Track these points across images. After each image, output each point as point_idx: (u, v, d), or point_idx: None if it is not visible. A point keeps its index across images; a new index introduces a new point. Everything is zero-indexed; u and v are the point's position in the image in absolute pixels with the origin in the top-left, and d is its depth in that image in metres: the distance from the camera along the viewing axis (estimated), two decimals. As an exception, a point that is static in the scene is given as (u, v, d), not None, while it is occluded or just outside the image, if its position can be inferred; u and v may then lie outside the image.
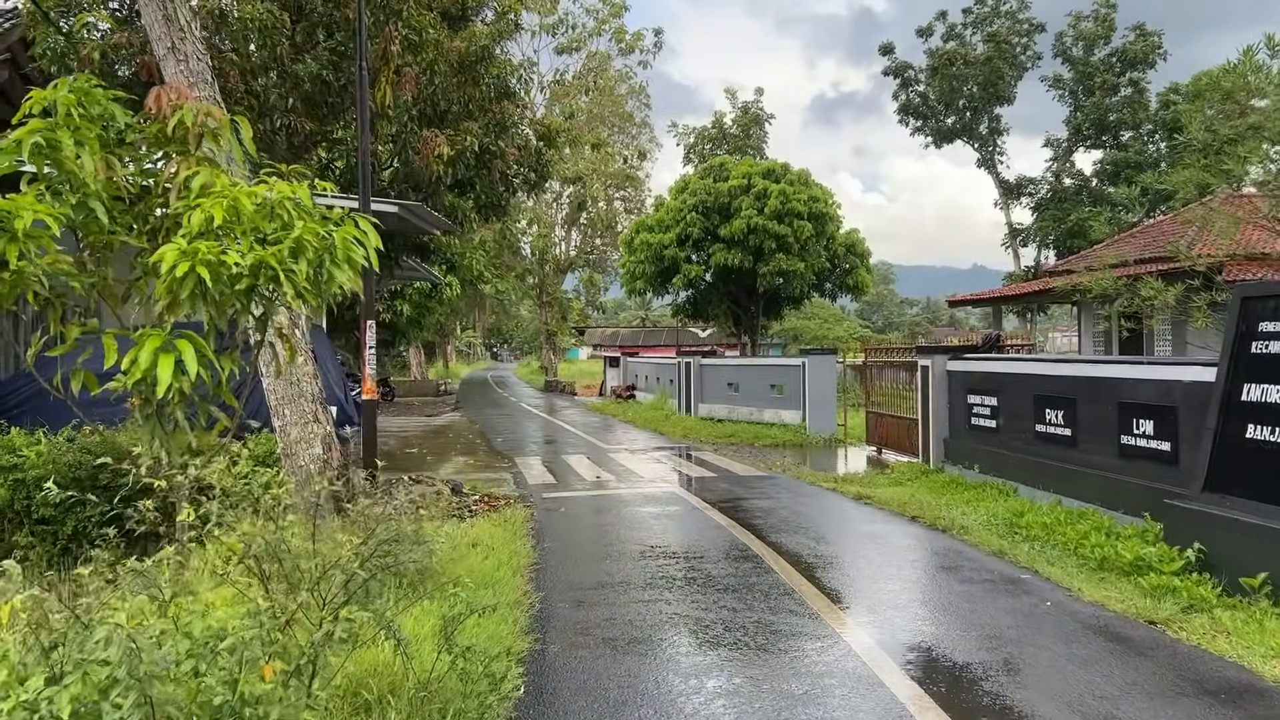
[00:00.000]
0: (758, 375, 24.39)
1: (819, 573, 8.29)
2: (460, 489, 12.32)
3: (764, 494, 13.02)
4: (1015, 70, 47.46)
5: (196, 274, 6.29)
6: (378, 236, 7.47)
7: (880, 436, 19.20)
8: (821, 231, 31.65)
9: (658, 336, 49.78)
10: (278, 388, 9.61)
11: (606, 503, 12.41)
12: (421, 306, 39.15)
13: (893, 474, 14.94)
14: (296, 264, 6.90)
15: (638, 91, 54.56)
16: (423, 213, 15.09)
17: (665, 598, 7.46)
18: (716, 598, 7.44)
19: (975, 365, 14.31)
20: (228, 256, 6.33)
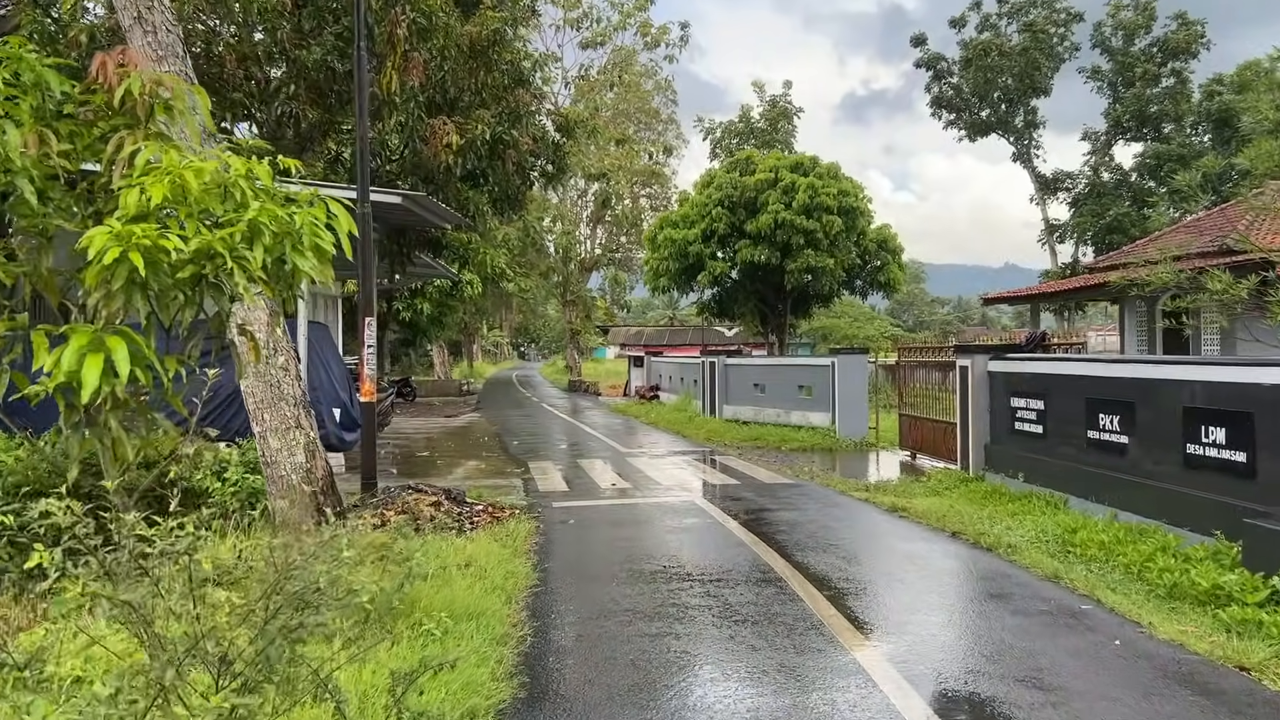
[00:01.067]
0: (785, 376, 23.40)
1: (850, 601, 7.35)
2: (462, 498, 11.48)
3: (790, 505, 12.07)
4: (1052, 61, 46.10)
5: (130, 261, 5.49)
6: (350, 219, 6.61)
7: (915, 441, 18.18)
8: (852, 226, 30.59)
9: (683, 335, 48.83)
10: (256, 390, 8.81)
11: (620, 514, 11.52)
12: (443, 305, 38.43)
13: (929, 482, 13.94)
14: (251, 250, 6.06)
15: (664, 87, 53.67)
16: (428, 204, 14.27)
17: (675, 630, 6.55)
18: (734, 631, 6.52)
19: (1019, 366, 13.28)
20: (167, 241, 5.49)
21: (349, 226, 6.61)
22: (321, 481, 8.97)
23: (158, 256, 5.55)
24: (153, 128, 6.91)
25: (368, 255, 12.23)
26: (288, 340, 8.99)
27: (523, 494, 13.24)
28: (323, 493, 8.96)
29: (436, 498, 11.18)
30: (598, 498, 12.83)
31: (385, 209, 14.56)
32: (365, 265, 12.23)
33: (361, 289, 12.29)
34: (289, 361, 8.90)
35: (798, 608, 7.12)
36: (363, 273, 12.25)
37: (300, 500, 8.87)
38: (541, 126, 20.15)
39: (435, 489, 11.56)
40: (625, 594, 7.58)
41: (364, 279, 12.23)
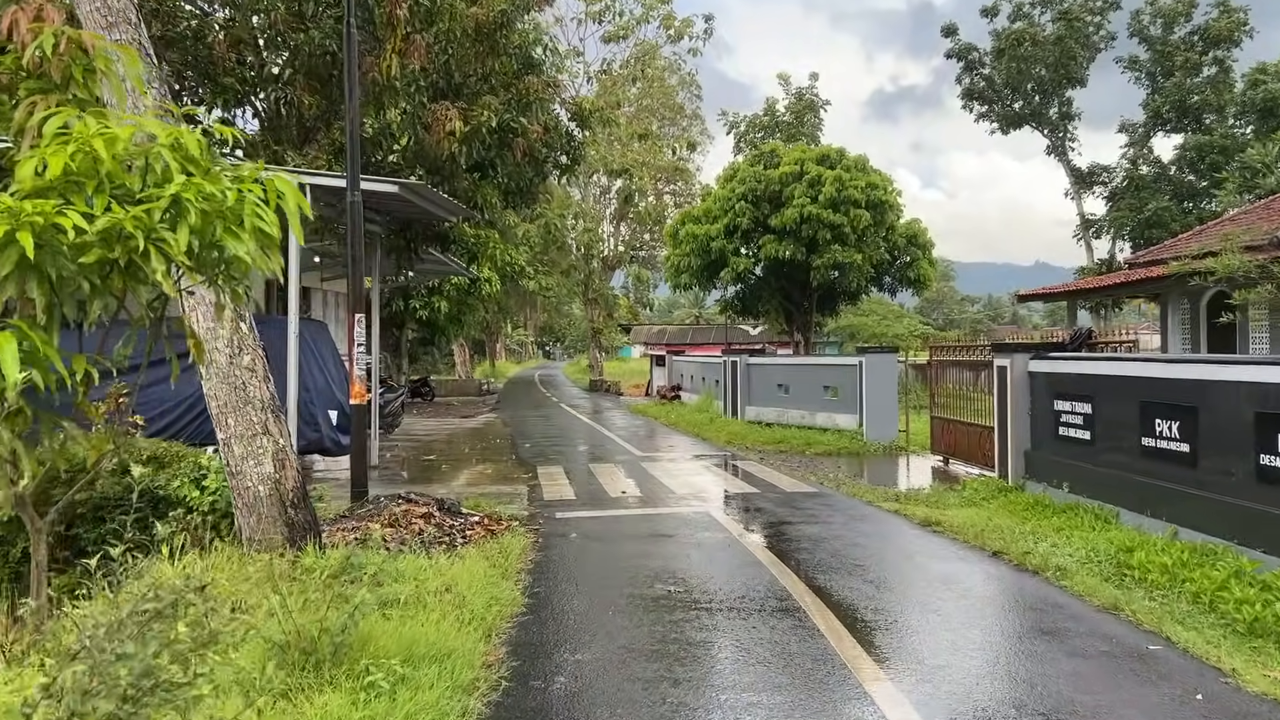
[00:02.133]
0: (810, 375, 22.38)
1: (879, 638, 6.38)
2: (456, 508, 10.60)
3: (813, 517, 11.09)
4: (1088, 51, 44.65)
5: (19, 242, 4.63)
6: (300, 197, 5.73)
7: (947, 445, 17.12)
8: (880, 221, 29.48)
9: (707, 334, 47.84)
10: (219, 393, 7.97)
11: (627, 527, 10.59)
12: (461, 303, 37.62)
13: (964, 492, 12.90)
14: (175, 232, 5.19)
15: (688, 82, 52.74)
16: (428, 193, 13.42)
17: (676, 674, 5.63)
18: (740, 677, 5.58)
19: (1064, 366, 12.22)
20: (65, 218, 4.63)
21: (300, 205, 5.75)
22: (292, 493, 8.12)
23: (54, 238, 4.69)
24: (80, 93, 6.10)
25: (357, 247, 11.40)
26: (254, 338, 8.14)
27: (526, 503, 12.36)
28: (293, 505, 8.11)
29: (428, 509, 10.32)
30: (606, 507, 11.92)
31: (381, 199, 13.74)
32: (354, 258, 11.40)
33: (351, 283, 11.46)
34: (255, 361, 8.06)
35: (818, 646, 6.17)
36: (351, 266, 11.42)
37: (268, 514, 8.03)
38: (554, 115, 19.26)
39: (428, 499, 10.70)
40: (623, 626, 6.66)
41: (353, 272, 11.40)
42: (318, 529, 8.35)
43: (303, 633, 5.08)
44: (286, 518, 8.06)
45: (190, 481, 9.90)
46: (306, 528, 8.16)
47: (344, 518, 10.44)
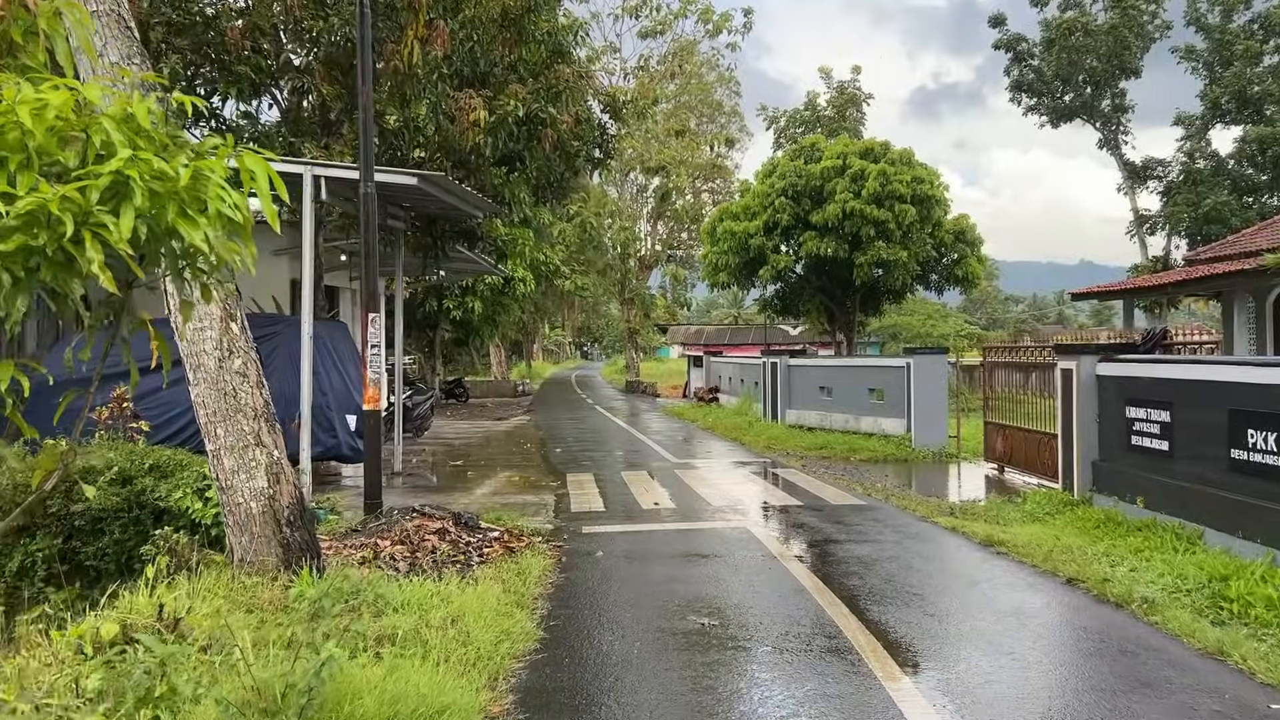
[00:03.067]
0: (854, 377, 21.38)
1: (948, 691, 5.48)
2: (474, 523, 9.82)
3: (862, 535, 10.17)
4: (1142, 41, 43.00)
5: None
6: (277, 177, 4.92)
7: (1002, 452, 16.08)
8: (926, 217, 28.35)
9: (745, 335, 46.83)
10: (207, 400, 7.24)
11: (659, 545, 9.74)
12: (496, 303, 37.03)
13: (1026, 505, 11.89)
14: (119, 217, 4.41)
15: (727, 79, 51.73)
16: (449, 186, 12.67)
17: (707, 735, 4.78)
18: (787, 741, 4.72)
19: (1137, 369, 11.18)
20: (-28, 200, 3.90)
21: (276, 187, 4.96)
22: (288, 511, 7.37)
23: (-40, 221, 3.96)
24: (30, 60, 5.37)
25: (371, 241, 10.67)
26: (247, 339, 7.40)
27: (551, 514, 11.56)
28: (289, 524, 7.36)
29: (443, 524, 9.55)
30: (636, 521, 11.07)
31: (401, 192, 13.02)
32: (368, 253, 10.66)
33: (364, 279, 10.73)
34: (247, 365, 7.32)
35: (875, 698, 5.28)
36: (365, 261, 10.68)
37: (261, 534, 7.29)
38: (587, 107, 18.45)
39: (444, 513, 9.93)
40: (650, 671, 5.81)
41: (366, 268, 10.66)
42: (316, 549, 7.59)
43: (264, 690, 4.29)
44: (281, 538, 7.32)
45: (193, 493, 9.26)
46: (304, 548, 7.41)
47: (355, 532, 9.72)
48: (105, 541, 9.33)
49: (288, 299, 19.06)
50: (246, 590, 6.97)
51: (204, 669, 4.96)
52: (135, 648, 5.06)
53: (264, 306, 15.82)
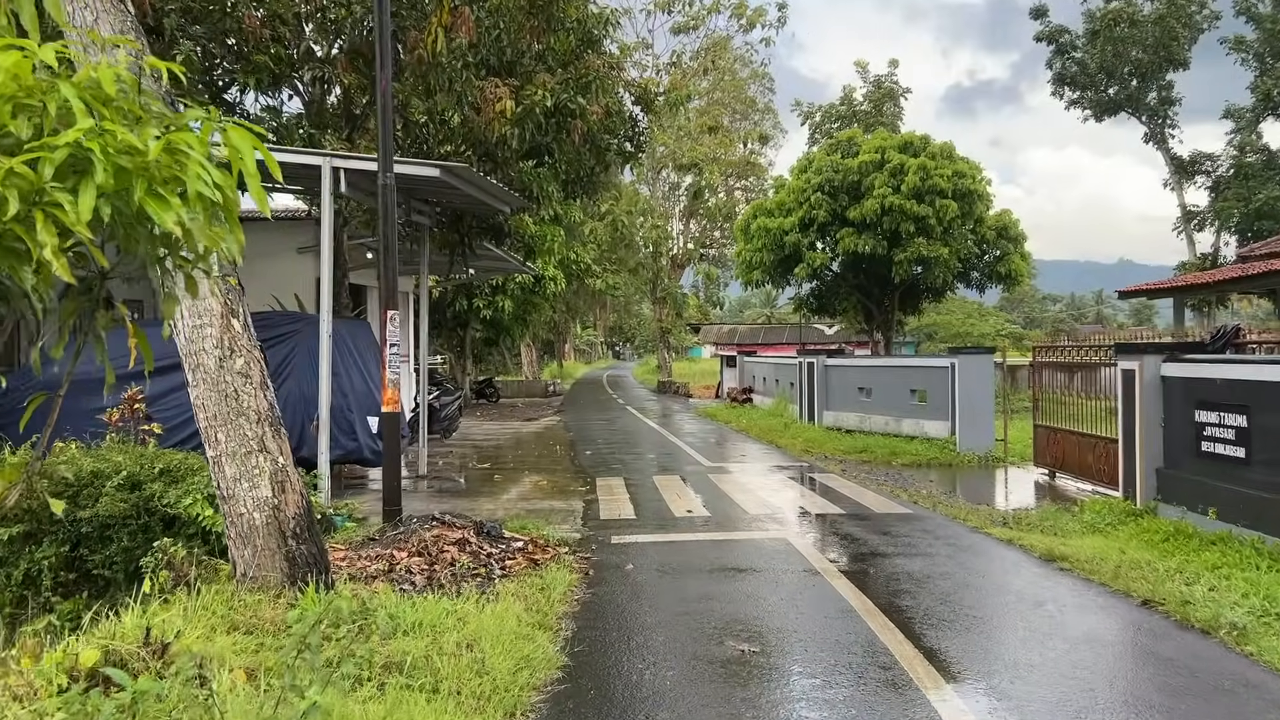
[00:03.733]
0: (895, 378, 20.61)
1: (1024, 733, 4.82)
2: (498, 532, 9.26)
3: (911, 547, 9.48)
4: (1190, 32, 41.72)
5: None
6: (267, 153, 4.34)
7: (1054, 457, 15.29)
8: (968, 212, 27.47)
9: (779, 334, 46.03)
10: (207, 402, 6.72)
11: (692, 557, 9.11)
12: (526, 302, 36.56)
13: (1084, 515, 11.14)
14: (79, 196, 3.86)
15: (760, 75, 50.96)
16: (473, 178, 12.13)
17: (751, 789, 4.15)
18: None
19: (1209, 369, 10.38)
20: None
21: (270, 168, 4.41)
22: (294, 522, 6.84)
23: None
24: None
25: (390, 235, 10.14)
26: (250, 338, 6.87)
27: (579, 522, 10.97)
28: (295, 536, 6.82)
29: (463, 533, 9.00)
30: (669, 530, 10.45)
31: (424, 185, 12.51)
32: (386, 248, 10.14)
33: (382, 275, 10.20)
34: (250, 366, 6.79)
35: (942, 745, 4.64)
36: (383, 257, 10.16)
37: (264, 546, 6.76)
38: (618, 98, 17.84)
39: (465, 521, 9.37)
40: (685, 708, 5.19)
41: (385, 263, 10.14)
42: (325, 563, 7.05)
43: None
44: (286, 551, 6.79)
45: (204, 499, 8.77)
46: (311, 562, 6.87)
47: (372, 541, 9.18)
48: (113, 549, 8.87)
49: (313, 297, 18.62)
50: (247, 608, 6.45)
51: (183, 707, 4.42)
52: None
53: (286, 304, 15.39)
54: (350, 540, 9.42)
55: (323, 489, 11.15)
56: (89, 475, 9.01)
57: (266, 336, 12.78)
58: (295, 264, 18.09)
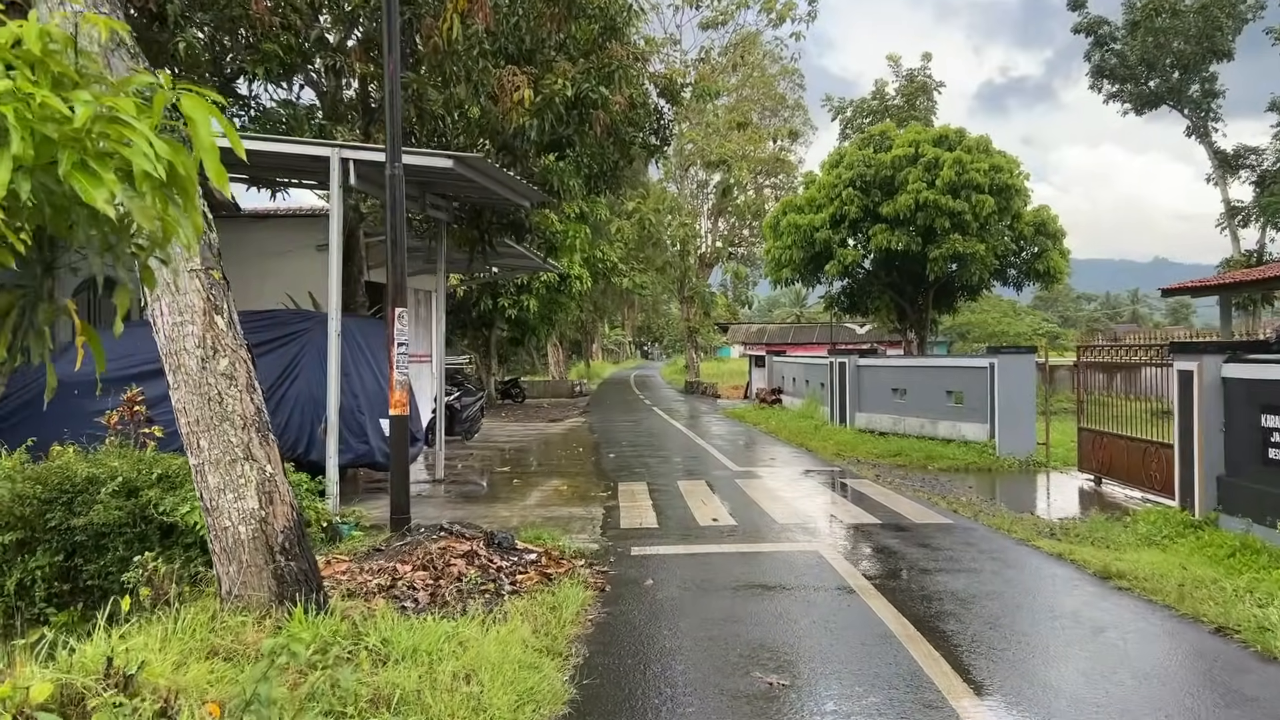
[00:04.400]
0: (931, 379, 19.86)
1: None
2: (510, 543, 8.69)
3: (953, 561, 8.81)
4: (1234, 22, 40.43)
5: None
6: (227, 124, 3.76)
7: (1100, 462, 14.52)
8: (1005, 208, 26.66)
9: (809, 333, 45.23)
10: (189, 406, 6.20)
11: (717, 572, 8.50)
12: (552, 301, 36.06)
13: (1138, 526, 10.41)
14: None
15: (790, 71, 50.19)
16: (487, 168, 11.58)
17: None
18: None
19: (1274, 371, 9.63)
20: None
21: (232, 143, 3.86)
22: (282, 536, 6.30)
23: None
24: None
25: (398, 229, 9.61)
26: (235, 336, 6.34)
27: (598, 531, 10.39)
28: (284, 552, 6.29)
29: (472, 545, 8.44)
30: (692, 541, 9.84)
31: (437, 176, 11.98)
32: (394, 242, 9.61)
33: (390, 271, 9.68)
34: (235, 367, 6.26)
35: (1003, 807, 4.00)
36: (391, 251, 9.64)
37: (250, 563, 6.23)
38: (642, 90, 17.25)
39: (475, 531, 8.82)
40: (702, 751, 4.59)
41: (393, 258, 9.62)
42: (316, 581, 6.51)
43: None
44: (274, 567, 6.25)
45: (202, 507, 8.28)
46: (300, 580, 6.33)
47: (378, 552, 8.65)
48: (109, 559, 8.41)
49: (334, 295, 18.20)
50: (229, 631, 5.92)
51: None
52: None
53: (300, 303, 14.94)
54: (355, 551, 8.89)
55: (331, 495, 10.66)
56: (83, 480, 8.57)
57: (275, 336, 12.34)
58: (315, 262, 17.63)
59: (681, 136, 48.15)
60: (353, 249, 15.76)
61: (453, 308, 35.26)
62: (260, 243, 18.61)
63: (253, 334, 12.63)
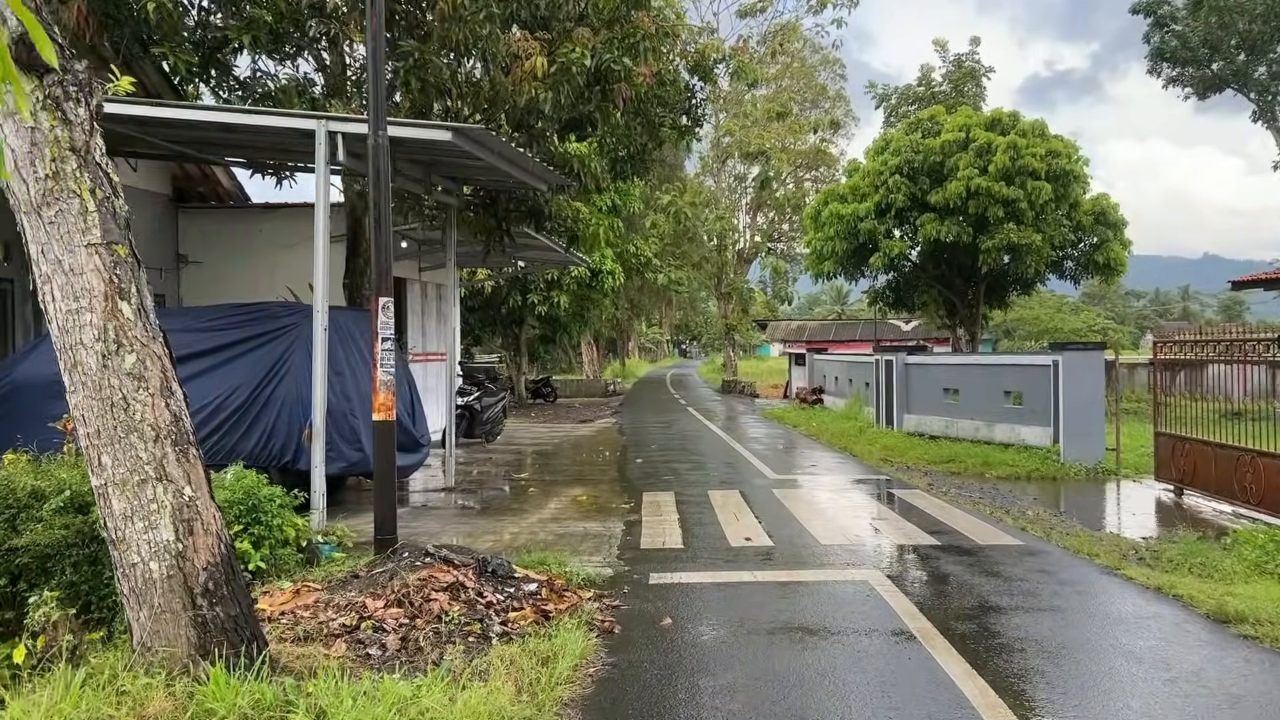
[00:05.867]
0: (987, 378, 18.33)
1: None
2: (506, 570, 7.43)
3: (1031, 596, 7.40)
4: (1306, -1, 38.18)
5: None
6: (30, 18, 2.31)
7: (1182, 471, 12.98)
8: (1063, 196, 24.96)
9: (851, 331, 43.58)
10: (88, 413, 5.00)
11: (748, 608, 7.16)
12: (584, 298, 34.86)
13: (1242, 550, 8.89)
14: None
15: (831, 62, 48.54)
16: (492, 142, 10.33)
17: None
18: None
19: None
20: None
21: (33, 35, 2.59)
22: (205, 575, 5.09)
23: None
24: None
25: (382, 205, 8.40)
26: (146, 328, 5.11)
27: (614, 551, 9.11)
28: (207, 594, 5.07)
29: (461, 573, 7.18)
30: (720, 567, 8.51)
31: (442, 155, 10.83)
32: (379, 221, 8.40)
33: (374, 256, 8.46)
34: (146, 365, 5.04)
35: None
36: (375, 231, 8.43)
37: (165, 607, 5.02)
38: (672, 65, 15.91)
39: (466, 558, 7.56)
40: None
41: (376, 239, 8.40)
42: (250, 630, 5.27)
43: None
44: (195, 614, 5.04)
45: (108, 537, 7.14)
46: (228, 628, 5.11)
47: (354, 579, 7.42)
48: (55, 584, 7.24)
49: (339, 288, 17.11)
50: (130, 699, 4.72)
51: None
52: None
53: (301, 296, 13.80)
54: (330, 577, 7.68)
55: (316, 509, 9.48)
56: (27, 495, 7.44)
57: (262, 331, 11.17)
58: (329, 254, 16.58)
59: (719, 128, 46.75)
60: (359, 239, 14.62)
61: (481, 304, 34.18)
62: (270, 235, 17.60)
63: (237, 329, 11.50)
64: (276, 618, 6.67)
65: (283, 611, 6.84)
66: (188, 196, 17.77)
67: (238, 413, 10.63)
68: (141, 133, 10.84)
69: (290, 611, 6.81)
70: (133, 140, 11.45)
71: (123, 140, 11.58)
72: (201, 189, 17.87)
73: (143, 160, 16.11)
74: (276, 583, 7.62)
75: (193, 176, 17.65)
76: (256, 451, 10.65)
